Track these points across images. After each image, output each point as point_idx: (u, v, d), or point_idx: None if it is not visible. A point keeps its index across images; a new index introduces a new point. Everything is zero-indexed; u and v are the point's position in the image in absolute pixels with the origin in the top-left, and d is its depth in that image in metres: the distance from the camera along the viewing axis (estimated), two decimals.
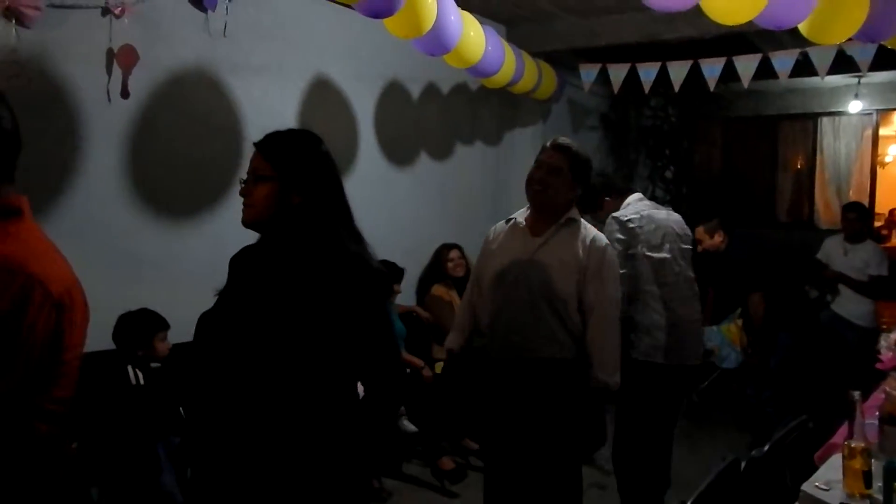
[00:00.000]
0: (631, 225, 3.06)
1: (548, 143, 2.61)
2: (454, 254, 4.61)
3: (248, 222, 1.66)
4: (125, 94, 3.04)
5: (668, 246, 3.07)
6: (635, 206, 3.17)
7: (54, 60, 2.86)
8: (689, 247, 3.15)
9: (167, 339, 2.95)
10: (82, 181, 2.99)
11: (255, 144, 1.68)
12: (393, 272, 3.94)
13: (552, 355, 2.47)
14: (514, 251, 2.58)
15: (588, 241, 2.51)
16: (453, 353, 2.81)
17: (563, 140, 2.60)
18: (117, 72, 3.01)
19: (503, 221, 2.73)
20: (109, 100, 3.01)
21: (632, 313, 3.00)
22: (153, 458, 2.75)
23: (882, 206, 8.53)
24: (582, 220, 2.60)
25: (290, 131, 1.72)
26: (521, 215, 2.66)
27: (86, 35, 2.91)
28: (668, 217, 3.18)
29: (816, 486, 1.87)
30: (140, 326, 2.89)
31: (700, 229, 4.43)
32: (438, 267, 4.61)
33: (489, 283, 2.62)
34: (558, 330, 2.47)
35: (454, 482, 3.80)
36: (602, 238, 2.56)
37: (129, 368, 2.84)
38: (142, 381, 2.85)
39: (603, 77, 5.27)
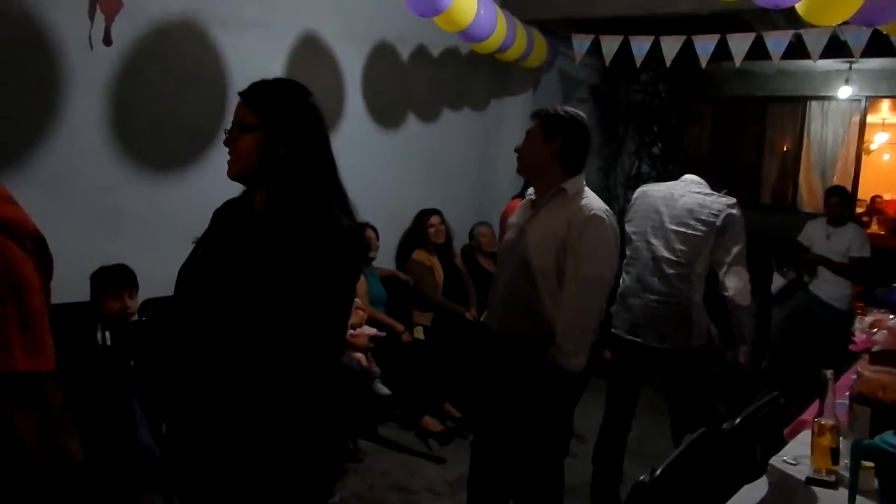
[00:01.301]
0: (631, 201, 3.22)
1: None
2: (434, 219, 4.59)
3: (234, 174, 1.61)
4: (108, 41, 2.97)
5: (641, 222, 3.06)
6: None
7: (36, 5, 2.77)
8: (682, 229, 2.96)
9: (123, 297, 2.81)
10: (63, 130, 2.92)
11: (239, 94, 1.64)
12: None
13: (532, 331, 2.42)
14: (514, 225, 2.60)
15: (573, 212, 2.39)
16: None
17: (542, 107, 2.58)
18: (100, 18, 2.93)
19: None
20: (91, 47, 2.93)
21: None
22: (128, 414, 2.73)
23: (864, 193, 8.61)
24: (580, 189, 2.45)
25: (276, 80, 1.67)
26: (532, 191, 2.64)
27: None
28: (672, 195, 3.06)
29: (785, 460, 1.90)
30: (107, 282, 2.81)
31: None
32: (419, 232, 4.60)
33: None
34: (539, 305, 2.40)
35: (442, 444, 3.85)
36: (591, 209, 2.38)
37: (99, 327, 2.77)
38: (108, 342, 2.78)
39: (595, 49, 5.22)
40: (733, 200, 3.04)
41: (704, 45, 4.81)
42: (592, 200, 2.43)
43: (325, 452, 1.63)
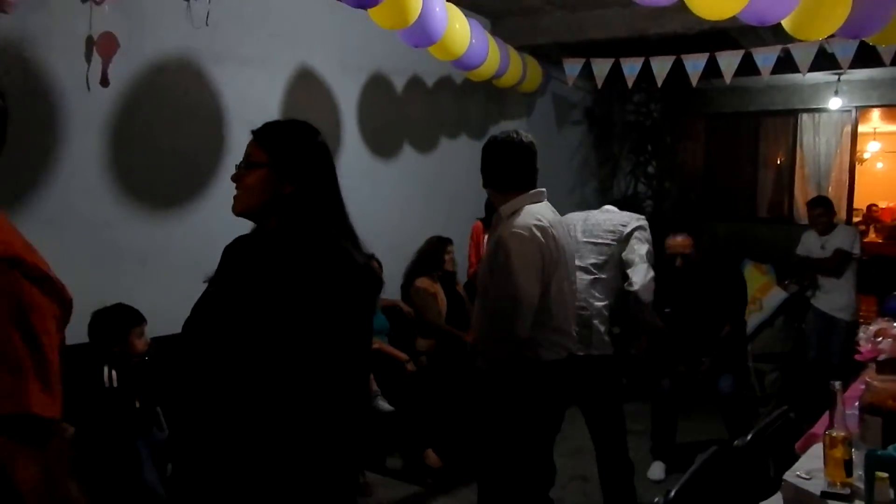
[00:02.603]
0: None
1: None
2: (451, 248, 4.63)
3: (238, 210, 1.62)
4: (105, 82, 3.00)
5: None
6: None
7: (33, 47, 2.81)
8: (592, 240, 3.10)
9: (145, 333, 2.88)
10: (61, 170, 2.94)
11: (252, 132, 1.66)
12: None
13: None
14: None
15: (500, 233, 2.42)
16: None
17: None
18: (97, 60, 2.97)
19: None
20: (89, 88, 2.97)
21: None
22: (133, 455, 2.71)
23: (860, 202, 8.64)
24: (517, 209, 2.43)
25: (288, 121, 1.70)
26: None
27: (65, 22, 2.87)
28: (588, 217, 3.23)
29: (798, 475, 1.89)
30: (115, 322, 2.82)
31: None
32: (434, 258, 4.59)
33: None
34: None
35: (439, 480, 3.79)
36: (513, 227, 2.38)
37: (105, 368, 2.77)
38: (115, 383, 2.78)
39: (587, 71, 5.28)
40: (643, 217, 3.22)
41: (694, 64, 4.87)
42: (522, 218, 2.40)
43: (340, 488, 1.62)
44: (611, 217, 3.21)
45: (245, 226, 1.71)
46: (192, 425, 1.60)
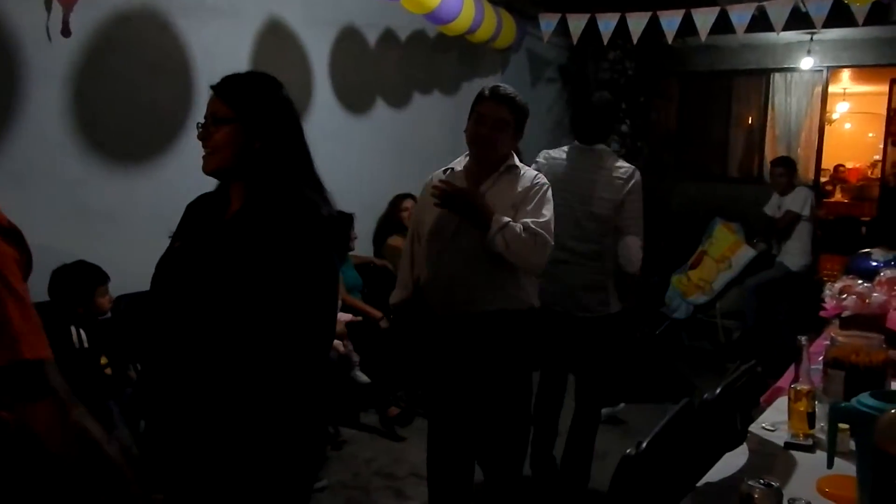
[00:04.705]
0: None
1: (486, 92, 2.45)
2: (408, 203, 4.58)
3: (210, 170, 1.58)
4: (66, 32, 2.89)
5: None
6: None
7: None
8: (596, 210, 3.00)
9: (108, 291, 2.84)
10: (22, 124, 2.85)
11: (212, 87, 1.60)
12: (341, 220, 3.86)
13: (500, 307, 2.42)
14: None
15: (528, 183, 2.45)
16: (398, 308, 2.74)
17: (505, 89, 2.46)
18: (57, 9, 2.86)
19: (440, 171, 2.65)
20: (50, 38, 2.86)
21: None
22: (105, 416, 2.70)
23: (827, 163, 8.75)
24: (520, 164, 2.53)
25: (249, 73, 1.65)
26: (459, 164, 2.59)
27: None
28: None
29: (763, 426, 1.95)
30: (79, 281, 2.77)
31: None
32: (393, 217, 4.59)
33: (428, 235, 2.53)
34: (506, 280, 2.42)
35: (403, 426, 3.89)
36: (542, 177, 2.50)
37: (73, 328, 2.73)
38: (85, 343, 2.74)
39: (562, 28, 5.22)
40: (634, 169, 3.03)
41: (670, 21, 4.85)
42: (531, 170, 2.57)
43: (309, 439, 1.63)
44: (603, 177, 2.96)
45: (212, 183, 1.68)
46: (165, 379, 1.59)
